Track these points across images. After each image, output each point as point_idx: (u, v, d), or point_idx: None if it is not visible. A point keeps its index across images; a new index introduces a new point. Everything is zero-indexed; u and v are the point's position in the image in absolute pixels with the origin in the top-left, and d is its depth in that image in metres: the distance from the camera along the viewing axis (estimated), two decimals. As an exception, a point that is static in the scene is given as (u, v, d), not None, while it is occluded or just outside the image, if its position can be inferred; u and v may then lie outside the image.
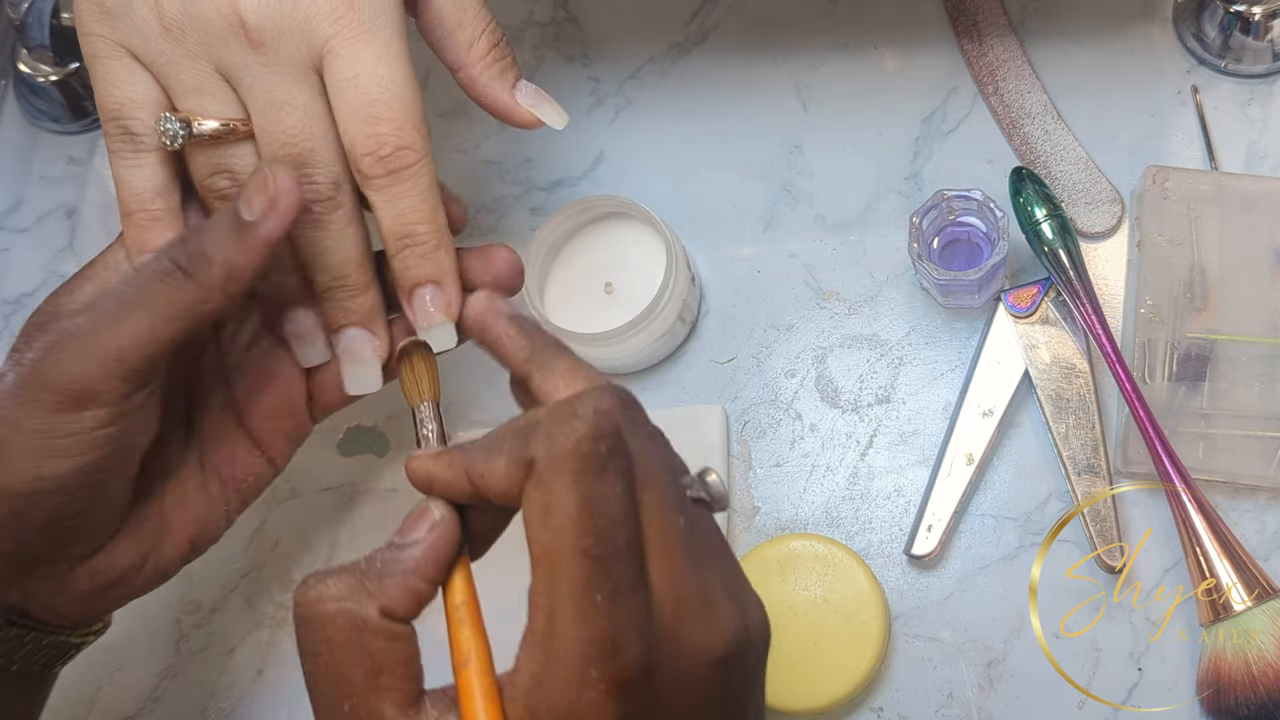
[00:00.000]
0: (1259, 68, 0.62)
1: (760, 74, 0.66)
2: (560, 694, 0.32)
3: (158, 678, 0.62)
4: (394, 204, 0.44)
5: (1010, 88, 0.64)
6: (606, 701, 0.31)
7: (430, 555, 0.36)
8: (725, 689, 0.34)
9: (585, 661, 0.31)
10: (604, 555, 0.32)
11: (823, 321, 0.63)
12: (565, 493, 0.32)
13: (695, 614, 0.33)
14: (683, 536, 0.34)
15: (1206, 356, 0.57)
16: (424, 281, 0.45)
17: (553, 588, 0.32)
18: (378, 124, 0.43)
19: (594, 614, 0.32)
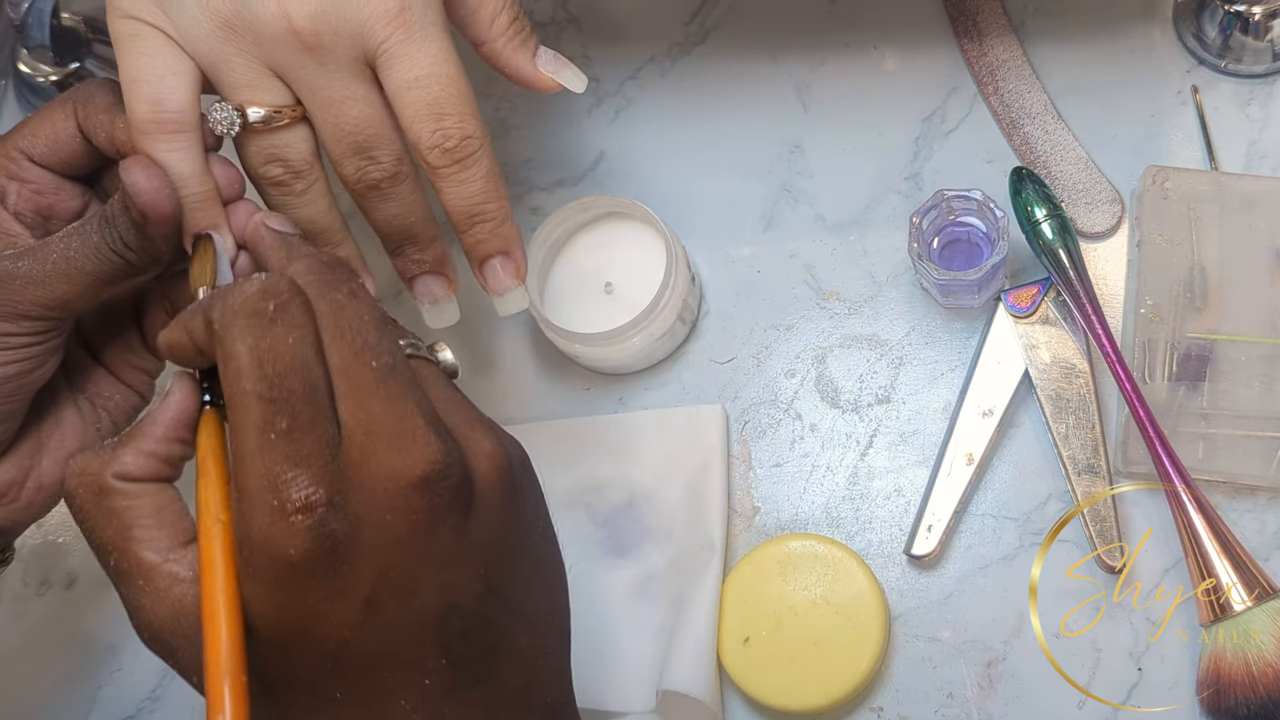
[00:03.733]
0: (1259, 68, 0.62)
1: (760, 74, 0.66)
2: (254, 526, 0.35)
3: (158, 678, 0.62)
4: (462, 189, 0.48)
5: (1010, 88, 0.64)
6: (293, 529, 0.34)
7: (166, 418, 0.39)
8: (432, 511, 0.36)
9: (266, 493, 0.35)
10: (276, 397, 0.35)
11: (823, 321, 0.63)
12: (236, 344, 0.36)
13: (387, 443, 0.36)
14: (374, 377, 0.36)
15: (1206, 356, 0.57)
16: (493, 254, 0.50)
17: (235, 432, 0.35)
18: (443, 119, 0.46)
19: (271, 448, 0.35)
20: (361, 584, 0.35)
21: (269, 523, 0.35)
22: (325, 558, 0.35)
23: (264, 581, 0.35)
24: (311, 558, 0.35)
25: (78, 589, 0.63)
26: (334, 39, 0.45)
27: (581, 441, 0.61)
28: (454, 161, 0.47)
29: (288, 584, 0.35)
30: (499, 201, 0.49)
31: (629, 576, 0.58)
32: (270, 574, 0.35)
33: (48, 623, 0.60)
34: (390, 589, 0.36)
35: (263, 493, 0.35)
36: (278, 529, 0.35)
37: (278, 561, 0.35)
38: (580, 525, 0.60)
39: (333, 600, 0.35)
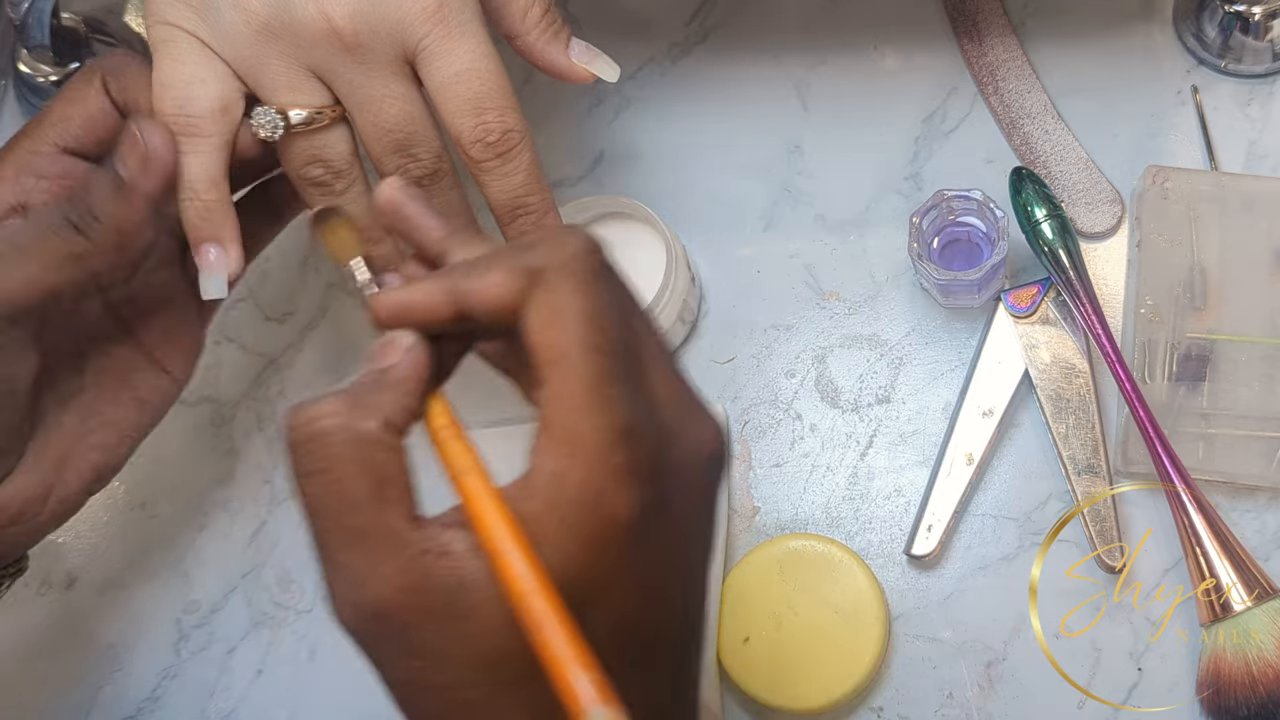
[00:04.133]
0: (1259, 68, 0.62)
1: (760, 74, 0.66)
2: (583, 485, 0.32)
3: (158, 678, 0.62)
4: (505, 181, 0.48)
5: (1010, 88, 0.64)
6: (627, 488, 0.32)
7: (413, 373, 0.36)
8: (711, 487, 0.36)
9: (606, 449, 0.32)
10: (613, 351, 0.33)
11: (823, 321, 0.62)
12: (575, 295, 0.34)
13: (690, 414, 0.36)
14: (667, 350, 0.37)
15: (1206, 356, 0.57)
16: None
17: (568, 385, 0.33)
18: (484, 114, 0.47)
19: (611, 405, 0.33)
20: (660, 555, 0.34)
21: (605, 478, 0.32)
22: (645, 523, 0.33)
23: (579, 540, 0.32)
24: (637, 521, 0.33)
25: (78, 589, 0.63)
26: (373, 37, 0.46)
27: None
28: (496, 155, 0.48)
29: (605, 546, 0.33)
30: (541, 194, 0.49)
31: (629, 576, 0.58)
32: (589, 533, 0.32)
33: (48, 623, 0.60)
34: (674, 564, 0.35)
35: (602, 447, 0.32)
36: (612, 487, 0.32)
37: (604, 521, 0.32)
38: (580, 525, 0.60)
39: (633, 569, 0.33)
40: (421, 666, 0.34)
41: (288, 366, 0.65)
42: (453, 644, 0.33)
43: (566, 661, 0.31)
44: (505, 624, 0.32)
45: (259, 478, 0.64)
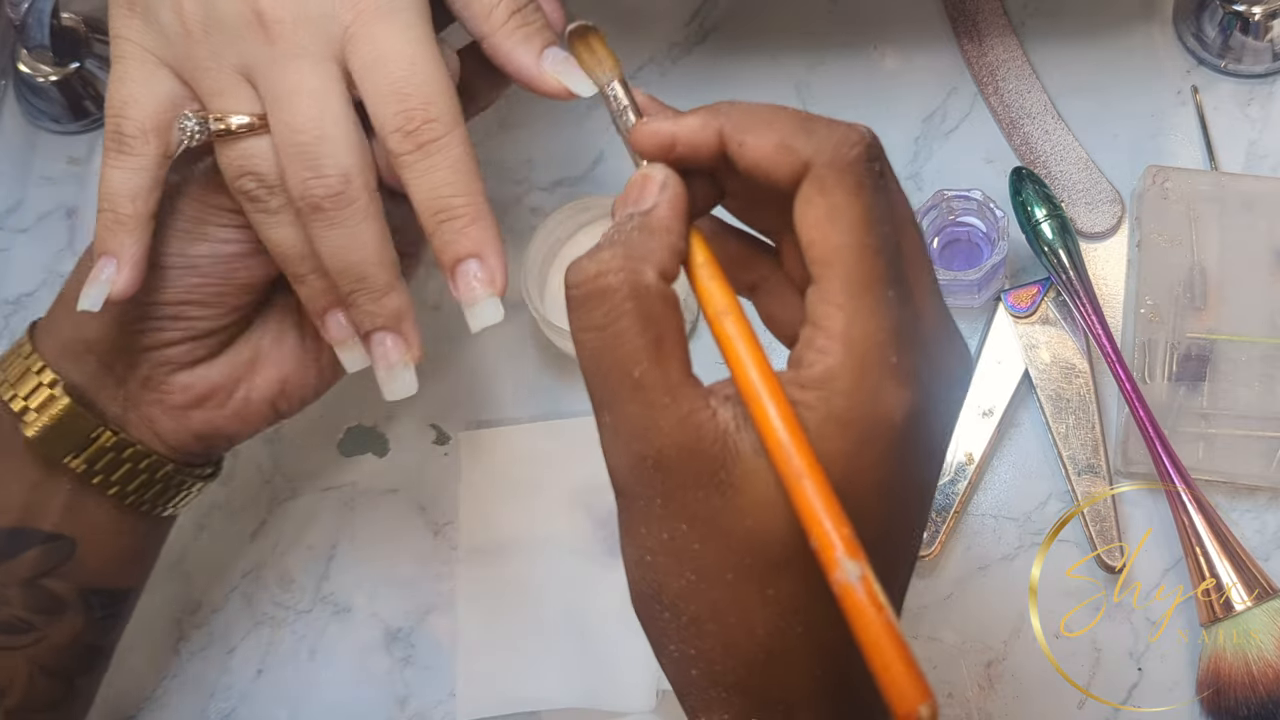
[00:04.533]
0: (1259, 68, 0.62)
1: (760, 74, 0.66)
2: (859, 384, 0.32)
3: (158, 678, 0.62)
4: (426, 179, 0.43)
5: (1010, 88, 0.64)
6: (901, 390, 0.32)
7: (674, 211, 0.35)
8: (958, 405, 0.35)
9: (884, 349, 0.32)
10: (888, 255, 0.33)
11: (823, 321, 0.62)
12: (853, 197, 0.33)
13: (945, 332, 0.35)
14: (930, 264, 0.36)
15: (1206, 356, 0.57)
16: (464, 256, 0.43)
17: (848, 284, 0.32)
18: (405, 100, 0.42)
19: (887, 307, 0.32)
20: (916, 465, 0.34)
21: (881, 380, 0.32)
22: (911, 428, 0.32)
23: (849, 439, 0.32)
24: (905, 425, 0.32)
25: (78, 589, 0.63)
26: (296, 26, 0.43)
27: (581, 441, 0.61)
28: (417, 147, 0.42)
29: (874, 445, 0.32)
30: (469, 197, 0.43)
31: (629, 576, 0.58)
32: (860, 432, 0.32)
33: (48, 623, 0.59)
34: (925, 477, 0.35)
35: (882, 349, 0.32)
36: (889, 387, 0.32)
37: (877, 421, 0.32)
38: (580, 525, 0.60)
39: (894, 475, 0.33)
40: (684, 531, 0.33)
41: (288, 366, 0.65)
42: (717, 513, 0.33)
43: (823, 515, 0.31)
44: (771, 503, 0.32)
45: (259, 478, 0.64)
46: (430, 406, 0.64)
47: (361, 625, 0.61)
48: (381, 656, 0.61)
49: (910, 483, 0.34)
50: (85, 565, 0.51)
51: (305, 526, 0.63)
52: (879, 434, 0.32)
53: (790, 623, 0.33)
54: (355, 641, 0.61)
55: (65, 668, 0.52)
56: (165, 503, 0.52)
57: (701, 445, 0.33)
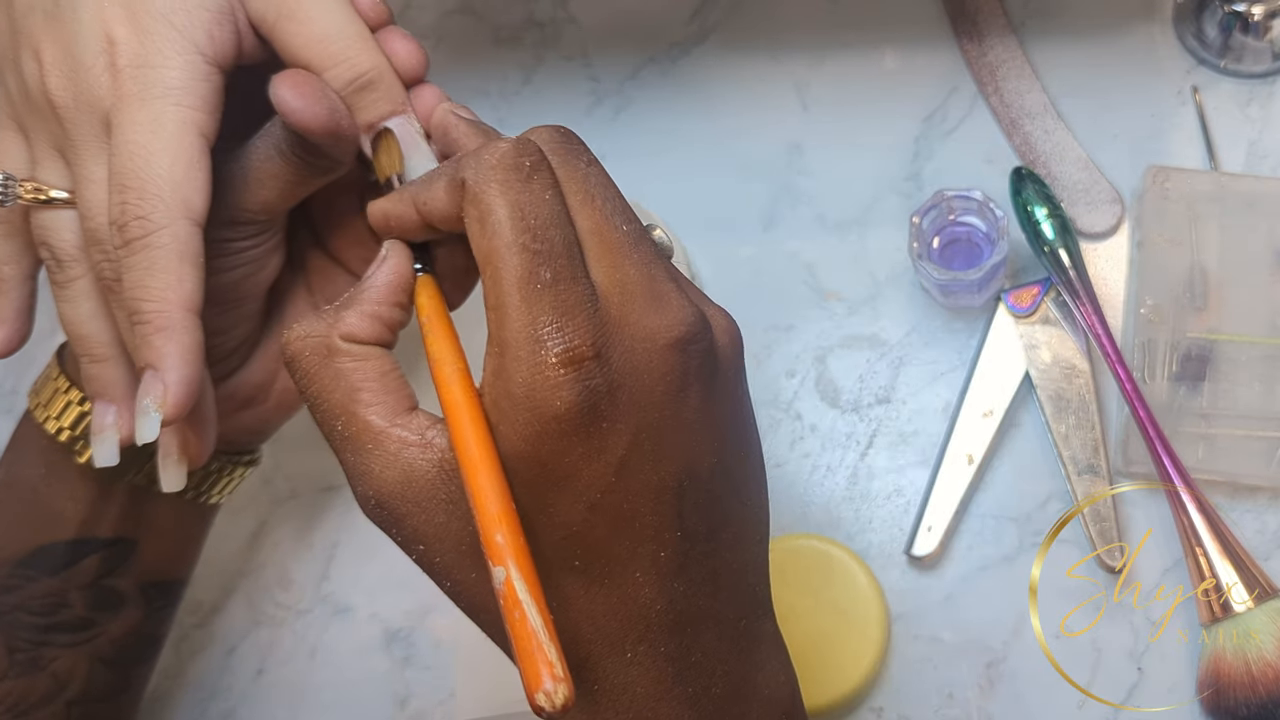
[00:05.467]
0: (1259, 68, 0.62)
1: (760, 74, 0.66)
2: (518, 380, 0.34)
3: (158, 678, 0.62)
4: (126, 276, 0.42)
5: (1010, 88, 0.64)
6: (562, 379, 0.33)
7: (383, 281, 0.39)
8: (684, 375, 0.35)
9: (535, 343, 0.34)
10: (539, 250, 0.34)
11: (823, 321, 0.62)
12: (496, 199, 0.35)
13: (644, 303, 0.35)
14: (625, 239, 0.36)
15: (1206, 356, 0.57)
16: (144, 365, 0.42)
17: (497, 285, 0.34)
18: (124, 192, 0.41)
19: (537, 298, 0.34)
20: (617, 443, 0.34)
21: (535, 374, 0.33)
22: (588, 413, 0.34)
23: (523, 437, 0.34)
24: (576, 412, 0.33)
25: (78, 589, 0.63)
26: (76, 112, 0.42)
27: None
28: (123, 242, 0.41)
29: (549, 439, 0.34)
30: (160, 303, 0.41)
31: (629, 576, 0.58)
32: (531, 429, 0.34)
33: (48, 623, 0.60)
34: (641, 451, 0.35)
35: (530, 343, 0.34)
36: (544, 380, 0.33)
37: (541, 415, 0.33)
38: (580, 525, 0.60)
39: (589, 459, 0.34)
40: (423, 550, 0.36)
41: (288, 366, 0.65)
42: (443, 529, 0.36)
43: (488, 520, 0.33)
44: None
45: (259, 478, 0.64)
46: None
47: (361, 625, 0.61)
48: (381, 656, 0.61)
49: (630, 456, 0.35)
50: (144, 561, 0.52)
51: (305, 526, 0.63)
52: (550, 427, 0.34)
53: None
54: (355, 641, 0.61)
55: (123, 658, 0.53)
56: (217, 492, 0.53)
57: (415, 477, 0.36)
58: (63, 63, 0.43)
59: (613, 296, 0.35)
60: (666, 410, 0.35)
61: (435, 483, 0.36)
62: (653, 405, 0.35)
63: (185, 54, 0.42)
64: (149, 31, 0.42)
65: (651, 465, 0.35)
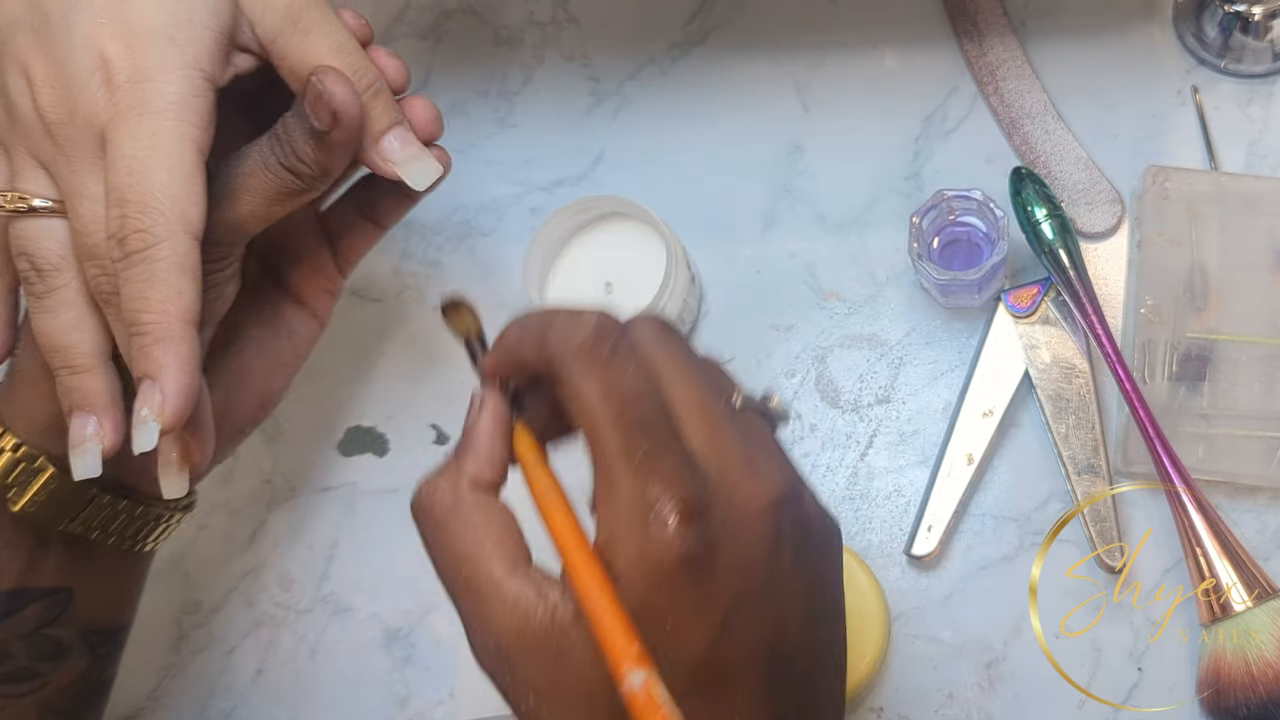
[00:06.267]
0: (1259, 68, 0.62)
1: (760, 74, 0.66)
2: (631, 542, 0.35)
3: (158, 678, 0.62)
4: (125, 289, 0.42)
5: (1010, 88, 0.64)
6: (673, 538, 0.34)
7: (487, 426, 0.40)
8: (779, 536, 0.36)
9: (645, 506, 0.35)
10: (633, 421, 0.36)
11: (823, 321, 0.63)
12: (584, 381, 0.36)
13: (740, 468, 0.37)
14: (720, 412, 0.38)
15: (1206, 356, 0.57)
16: (141, 375, 0.43)
17: (601, 457, 0.36)
18: (123, 206, 0.42)
19: (639, 468, 0.35)
20: (721, 600, 0.35)
21: (646, 534, 0.35)
22: (697, 568, 0.35)
23: (636, 594, 0.35)
24: (685, 567, 0.35)
25: (78, 589, 0.63)
26: (69, 127, 0.43)
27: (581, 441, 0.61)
28: (123, 255, 0.42)
29: (661, 592, 0.35)
30: (160, 315, 0.42)
31: (629, 576, 0.58)
32: (645, 583, 0.35)
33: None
34: (742, 609, 0.36)
35: (640, 508, 0.35)
36: (657, 538, 0.35)
37: (654, 571, 0.35)
38: (580, 525, 0.60)
39: (695, 614, 0.35)
40: (533, 703, 0.36)
41: (288, 366, 0.65)
42: (553, 682, 0.36)
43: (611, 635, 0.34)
44: (596, 663, 0.34)
45: (259, 478, 0.64)
46: (430, 406, 0.64)
47: (361, 625, 0.61)
48: (381, 656, 0.61)
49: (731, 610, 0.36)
50: (84, 610, 0.51)
51: (305, 526, 0.63)
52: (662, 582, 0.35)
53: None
54: (355, 641, 0.61)
55: (71, 707, 0.52)
56: (153, 540, 0.52)
57: (530, 627, 0.36)
58: (54, 79, 0.43)
59: (711, 462, 0.36)
60: (763, 569, 0.36)
61: (549, 634, 0.36)
62: (753, 564, 0.36)
63: (184, 69, 0.43)
64: (147, 47, 0.43)
65: (750, 623, 0.36)
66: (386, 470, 0.63)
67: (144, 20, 0.43)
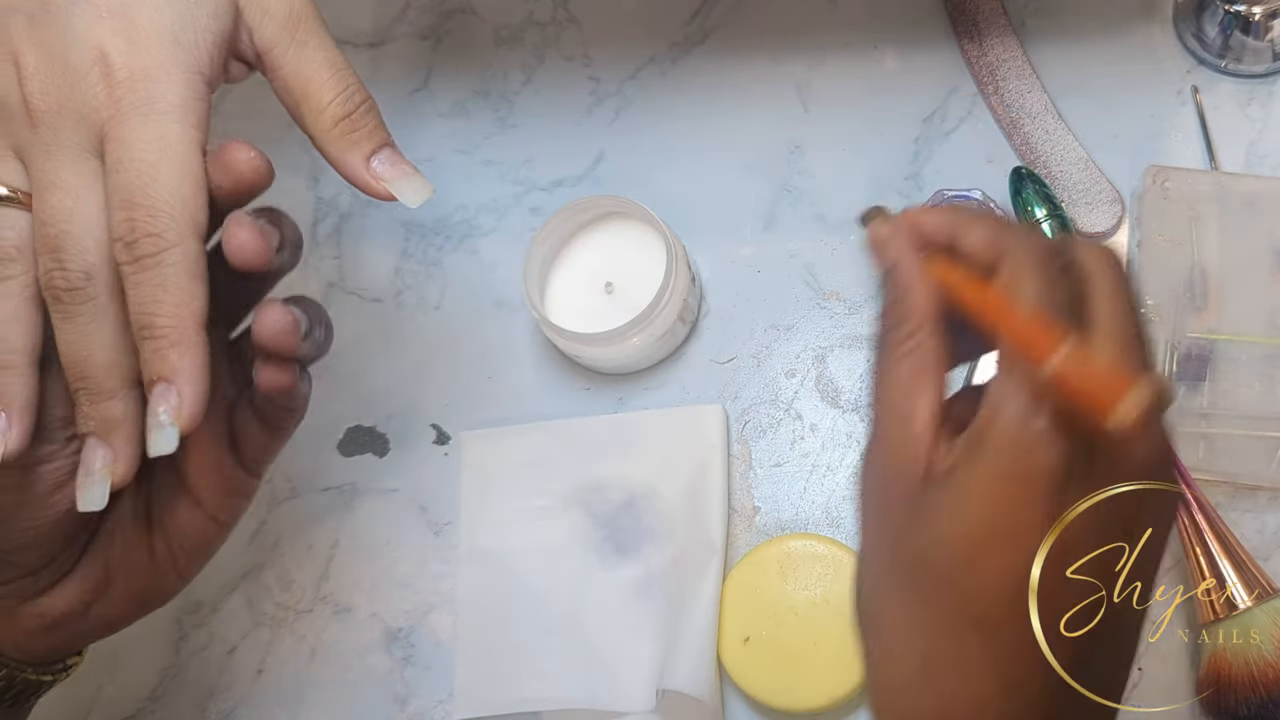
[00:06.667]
0: (1259, 68, 0.62)
1: (760, 74, 0.66)
2: (1010, 424, 0.36)
3: (158, 678, 0.62)
4: (136, 292, 0.42)
5: (1010, 88, 0.64)
6: (1045, 438, 0.35)
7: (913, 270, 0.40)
8: (1140, 494, 0.38)
9: (1034, 401, 0.35)
10: (1049, 302, 0.36)
11: (823, 321, 0.63)
12: (1027, 277, 0.37)
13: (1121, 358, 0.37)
14: (1131, 340, 0.37)
15: (1206, 356, 0.57)
16: (156, 378, 0.42)
17: (1009, 347, 0.37)
18: (132, 209, 0.41)
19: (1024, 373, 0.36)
20: (1058, 510, 0.37)
21: (1026, 427, 0.35)
22: (1055, 477, 0.36)
23: (995, 474, 0.36)
24: (1046, 471, 0.36)
25: (78, 589, 0.63)
26: (58, 117, 0.42)
27: (581, 441, 0.61)
28: (133, 259, 0.41)
29: (1014, 483, 0.36)
30: (173, 318, 0.42)
31: (629, 576, 0.58)
32: (1007, 462, 0.36)
33: (48, 623, 0.60)
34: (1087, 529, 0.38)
35: (1027, 403, 0.35)
36: (1030, 434, 0.36)
37: (1017, 461, 0.36)
38: (580, 525, 0.60)
39: (1041, 523, 0.37)
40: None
41: (288, 366, 0.65)
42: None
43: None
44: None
45: (259, 478, 0.64)
46: (430, 406, 0.64)
47: (361, 625, 0.61)
48: (381, 656, 0.61)
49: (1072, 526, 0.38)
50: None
51: (305, 526, 0.63)
52: (1018, 468, 0.36)
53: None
54: (355, 641, 0.61)
55: None
56: (23, 700, 0.50)
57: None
58: (46, 70, 0.42)
59: (1107, 347, 0.37)
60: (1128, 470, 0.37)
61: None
62: (1113, 472, 0.37)
63: (187, 72, 0.43)
64: (149, 47, 0.42)
65: (1078, 548, 0.38)
66: (386, 470, 0.63)
67: (149, 20, 0.42)
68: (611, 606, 0.58)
